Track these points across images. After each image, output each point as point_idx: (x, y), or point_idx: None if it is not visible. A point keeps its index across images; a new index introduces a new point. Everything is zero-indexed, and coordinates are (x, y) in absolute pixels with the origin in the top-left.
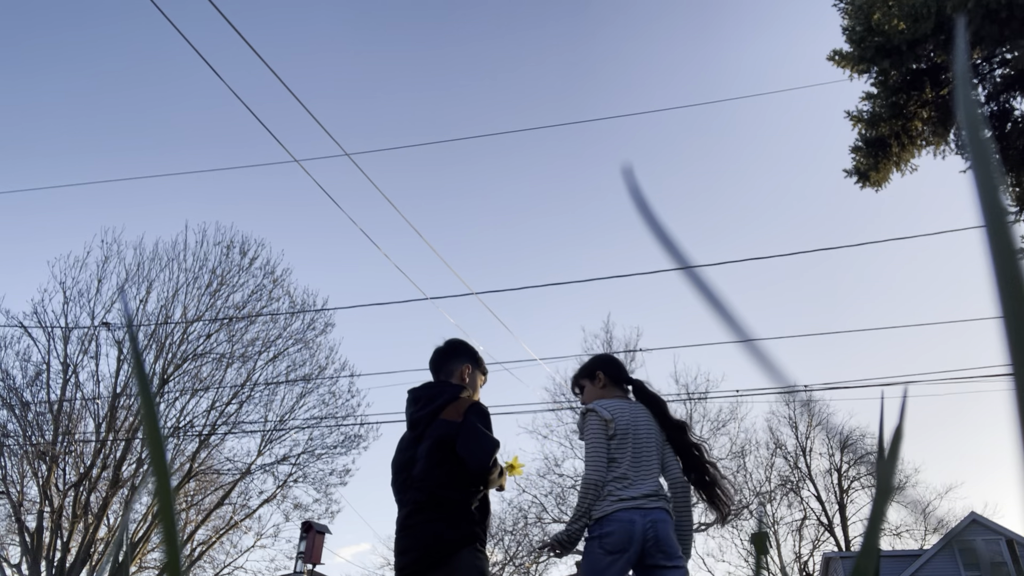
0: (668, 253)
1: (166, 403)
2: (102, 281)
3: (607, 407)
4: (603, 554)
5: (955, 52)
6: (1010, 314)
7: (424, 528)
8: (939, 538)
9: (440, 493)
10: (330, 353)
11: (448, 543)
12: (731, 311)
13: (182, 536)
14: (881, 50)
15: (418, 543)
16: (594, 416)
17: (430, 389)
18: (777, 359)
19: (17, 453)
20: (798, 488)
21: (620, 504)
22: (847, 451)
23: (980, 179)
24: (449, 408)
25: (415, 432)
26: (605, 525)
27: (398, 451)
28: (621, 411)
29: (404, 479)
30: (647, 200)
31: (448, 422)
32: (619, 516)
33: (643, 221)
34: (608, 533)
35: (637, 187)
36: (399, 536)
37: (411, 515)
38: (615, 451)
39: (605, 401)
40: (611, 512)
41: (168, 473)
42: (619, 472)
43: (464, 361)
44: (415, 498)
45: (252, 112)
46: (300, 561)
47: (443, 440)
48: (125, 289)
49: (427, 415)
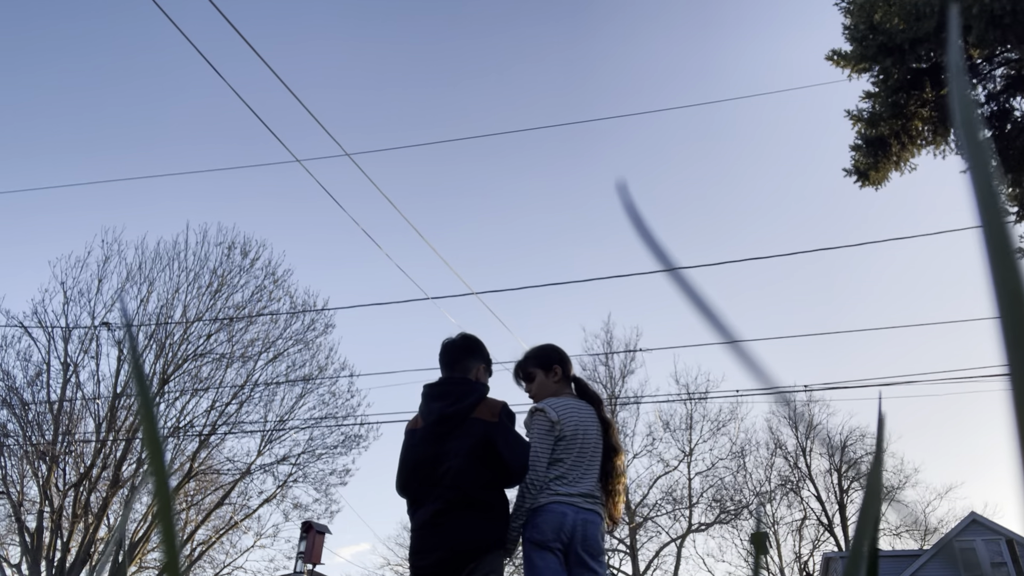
0: (665, 269)
1: (166, 403)
2: (102, 281)
3: (557, 407)
4: (532, 547)
5: (948, 44)
6: (1007, 314)
7: (456, 526)
8: (939, 538)
9: (474, 493)
10: (330, 353)
11: (480, 544)
12: (723, 321)
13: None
14: (883, 49)
15: (446, 543)
16: (543, 417)
17: (459, 385)
18: (766, 363)
19: (17, 453)
20: (798, 488)
21: (554, 497)
22: (847, 451)
23: (978, 180)
24: (481, 407)
25: (441, 428)
26: (536, 516)
27: (414, 445)
28: (571, 412)
29: (426, 475)
30: (642, 217)
31: (485, 422)
32: (551, 507)
33: (639, 237)
34: (537, 524)
35: (632, 204)
36: (423, 534)
37: (441, 513)
38: (561, 452)
39: (556, 400)
40: (544, 504)
41: (167, 473)
42: (560, 471)
43: (479, 361)
44: (446, 496)
45: (253, 112)
46: (300, 561)
47: (484, 440)
48: (125, 290)
49: (458, 412)
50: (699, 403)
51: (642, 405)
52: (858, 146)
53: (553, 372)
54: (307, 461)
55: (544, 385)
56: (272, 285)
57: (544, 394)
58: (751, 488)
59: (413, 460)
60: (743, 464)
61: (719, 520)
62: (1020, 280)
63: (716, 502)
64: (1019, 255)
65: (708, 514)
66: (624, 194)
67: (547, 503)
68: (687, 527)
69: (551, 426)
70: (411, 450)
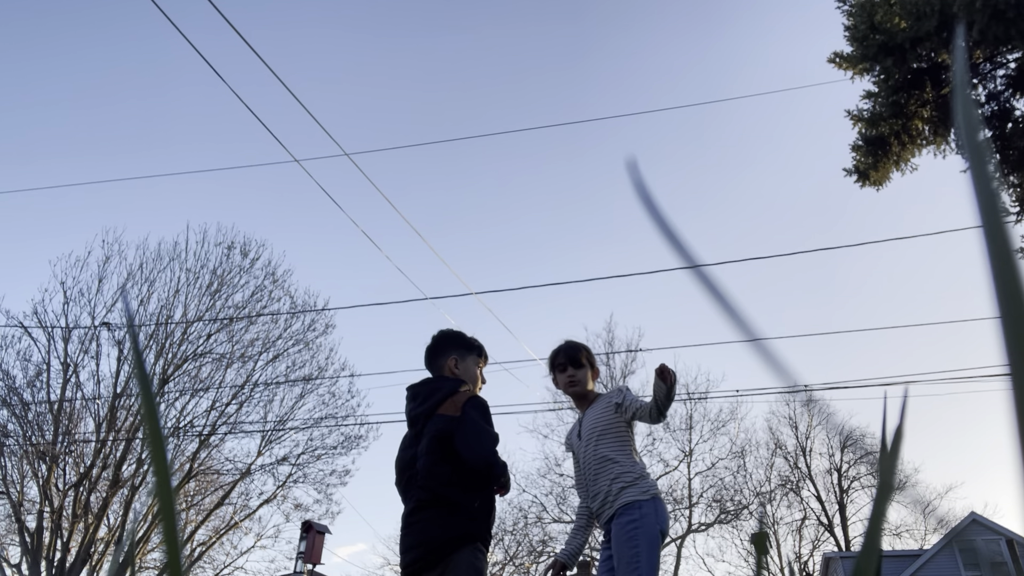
0: (672, 247)
1: (166, 403)
2: (103, 281)
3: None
4: (661, 538)
5: (954, 54)
6: (1008, 314)
7: (425, 526)
8: (939, 538)
9: (443, 491)
10: (330, 353)
11: (447, 541)
12: (735, 306)
13: (182, 536)
14: (883, 48)
15: (419, 541)
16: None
17: (428, 385)
18: (781, 356)
19: (17, 453)
20: (798, 488)
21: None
22: (847, 451)
23: (977, 180)
24: (447, 403)
25: (415, 429)
26: (660, 504)
27: (400, 449)
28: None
29: (408, 477)
30: (651, 194)
31: (446, 417)
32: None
33: (647, 215)
34: (662, 514)
35: (641, 181)
36: (402, 534)
37: (413, 512)
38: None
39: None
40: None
41: (169, 473)
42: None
43: (449, 353)
44: (418, 496)
45: (252, 112)
46: (300, 561)
47: (441, 435)
48: (126, 288)
49: (425, 411)
50: (699, 403)
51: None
52: (858, 146)
53: (595, 374)
54: (307, 461)
55: (587, 382)
56: (272, 285)
57: (587, 390)
58: (751, 488)
59: (398, 464)
60: (743, 464)
61: (719, 520)
62: (1020, 280)
63: (716, 502)
64: (1019, 255)
65: (708, 514)
66: (634, 173)
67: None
68: (687, 527)
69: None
70: (398, 455)
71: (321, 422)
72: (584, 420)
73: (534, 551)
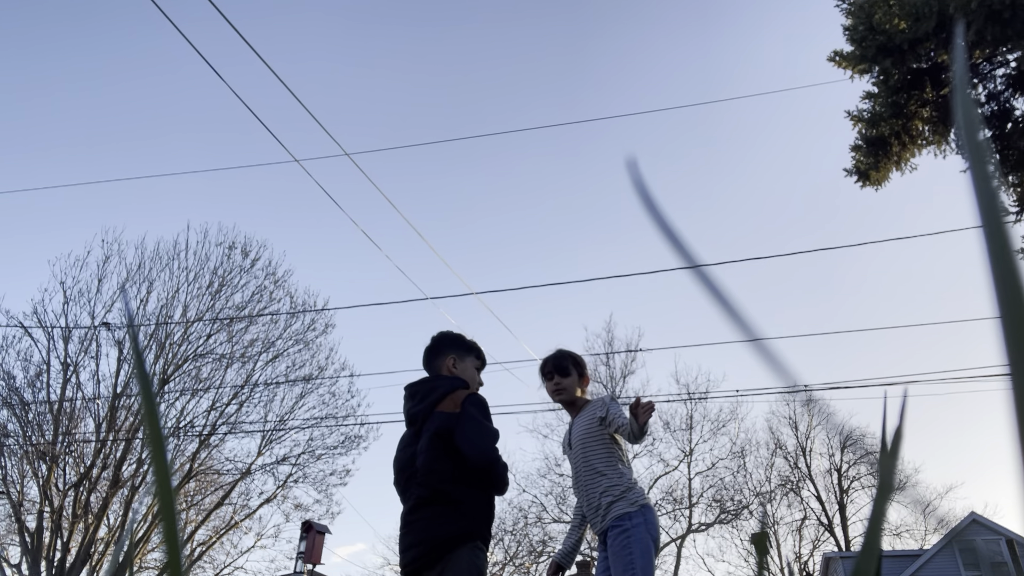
0: (672, 247)
1: (166, 403)
2: (102, 281)
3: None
4: (653, 545)
5: (954, 54)
6: (1008, 314)
7: (425, 524)
8: (939, 538)
9: (442, 488)
10: (330, 353)
11: (447, 539)
12: (735, 306)
13: (182, 536)
14: (883, 49)
15: (418, 539)
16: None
17: (426, 383)
18: (781, 356)
19: (17, 453)
20: (798, 488)
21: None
22: (847, 451)
23: (977, 180)
24: (446, 400)
25: (414, 428)
26: (651, 513)
27: (399, 449)
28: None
29: (407, 476)
30: (651, 194)
31: (445, 414)
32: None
33: (647, 215)
34: (653, 523)
35: (641, 181)
36: (402, 533)
37: (413, 511)
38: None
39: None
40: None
41: (169, 473)
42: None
43: (447, 354)
44: (417, 493)
45: (252, 112)
46: (300, 561)
47: (441, 432)
48: (126, 288)
49: (424, 409)
50: (699, 403)
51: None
52: (858, 146)
53: (584, 381)
54: (307, 461)
55: (575, 389)
56: (272, 285)
57: (575, 397)
58: (751, 488)
59: (397, 463)
60: (743, 464)
61: (719, 520)
62: (1020, 280)
63: (716, 502)
64: (1019, 255)
65: (708, 514)
66: (634, 172)
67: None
68: (687, 527)
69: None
70: (396, 454)
71: (321, 422)
72: (573, 428)
73: (534, 551)
